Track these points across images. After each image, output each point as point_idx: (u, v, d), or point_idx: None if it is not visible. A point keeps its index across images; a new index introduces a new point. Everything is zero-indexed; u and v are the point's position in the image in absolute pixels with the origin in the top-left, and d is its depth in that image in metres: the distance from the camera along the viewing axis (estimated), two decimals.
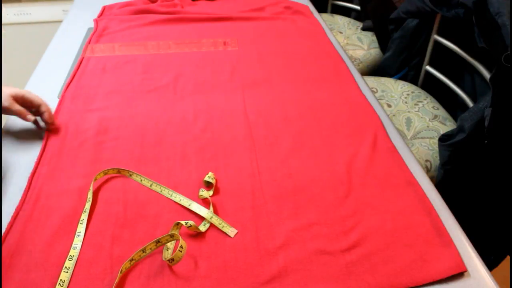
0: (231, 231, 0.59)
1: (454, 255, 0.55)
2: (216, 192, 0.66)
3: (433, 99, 1.21)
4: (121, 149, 0.74)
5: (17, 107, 0.73)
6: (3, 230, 0.59)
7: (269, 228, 0.60)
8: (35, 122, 0.79)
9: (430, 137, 1.07)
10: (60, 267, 0.54)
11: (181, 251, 0.54)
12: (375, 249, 0.57)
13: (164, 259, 0.55)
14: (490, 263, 0.98)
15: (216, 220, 0.61)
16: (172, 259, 0.54)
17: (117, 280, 0.52)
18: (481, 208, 0.96)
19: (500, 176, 0.89)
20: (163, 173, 0.69)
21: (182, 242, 0.54)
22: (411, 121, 1.12)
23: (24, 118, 0.74)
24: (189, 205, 0.63)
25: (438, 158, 1.01)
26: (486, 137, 0.85)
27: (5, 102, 0.72)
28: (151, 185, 0.66)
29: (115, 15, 1.23)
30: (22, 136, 0.77)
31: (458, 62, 1.16)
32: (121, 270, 0.53)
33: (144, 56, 1.02)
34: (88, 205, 0.62)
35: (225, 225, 0.60)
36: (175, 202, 0.64)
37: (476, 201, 0.96)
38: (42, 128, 0.78)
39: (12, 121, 0.81)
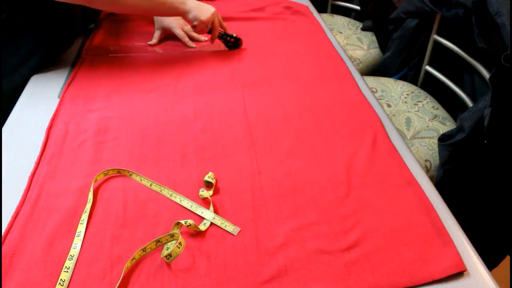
0: (234, 230, 0.60)
1: (453, 255, 0.56)
2: (216, 192, 0.66)
3: (432, 99, 1.21)
4: (121, 149, 0.74)
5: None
6: (3, 230, 0.59)
7: (269, 227, 0.60)
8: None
9: (430, 137, 1.07)
10: (60, 266, 0.54)
11: (179, 247, 0.54)
12: (374, 249, 0.57)
13: (161, 256, 0.55)
14: (490, 263, 0.98)
15: (218, 220, 0.61)
16: (170, 255, 0.54)
17: (119, 280, 0.52)
18: (481, 208, 0.96)
19: (500, 176, 0.89)
20: (163, 173, 0.69)
21: (181, 239, 0.54)
22: (411, 121, 1.12)
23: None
24: (190, 206, 0.63)
25: (437, 158, 1.01)
26: (485, 137, 0.85)
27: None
28: (150, 185, 0.66)
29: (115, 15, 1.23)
30: (22, 136, 0.77)
31: (458, 62, 1.16)
32: (124, 270, 0.53)
33: (144, 56, 1.03)
34: (88, 206, 0.62)
35: (228, 224, 0.60)
36: (175, 201, 0.64)
37: (475, 201, 0.96)
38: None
39: (12, 121, 0.81)
